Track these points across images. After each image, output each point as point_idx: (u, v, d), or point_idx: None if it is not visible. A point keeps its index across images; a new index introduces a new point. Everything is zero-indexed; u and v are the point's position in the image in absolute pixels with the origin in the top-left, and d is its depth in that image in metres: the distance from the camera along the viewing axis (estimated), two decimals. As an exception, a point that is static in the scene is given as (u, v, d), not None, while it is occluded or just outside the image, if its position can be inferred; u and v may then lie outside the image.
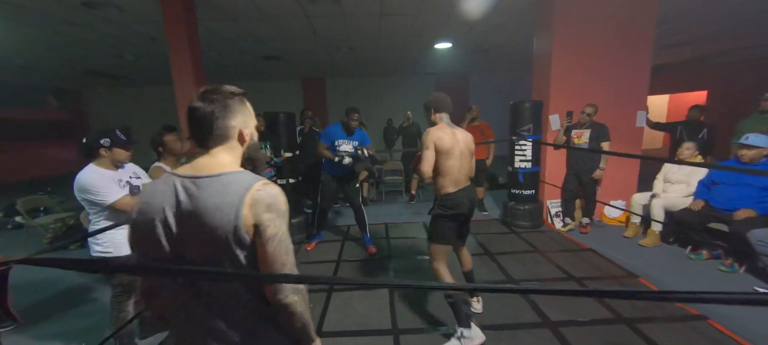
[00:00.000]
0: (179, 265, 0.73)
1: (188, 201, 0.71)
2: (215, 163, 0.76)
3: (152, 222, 0.73)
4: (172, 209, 0.72)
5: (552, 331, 2.05)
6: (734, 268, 2.69)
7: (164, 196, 0.73)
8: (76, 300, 2.71)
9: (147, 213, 0.74)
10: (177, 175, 0.76)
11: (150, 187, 0.78)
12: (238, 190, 0.72)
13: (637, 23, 3.68)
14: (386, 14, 4.42)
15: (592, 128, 3.54)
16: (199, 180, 0.73)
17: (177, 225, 0.72)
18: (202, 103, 0.75)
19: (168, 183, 0.75)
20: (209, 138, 0.76)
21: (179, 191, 0.73)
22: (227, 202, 0.71)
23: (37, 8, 3.66)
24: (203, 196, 0.71)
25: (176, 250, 0.73)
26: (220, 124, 0.76)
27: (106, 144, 1.76)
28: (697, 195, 3.02)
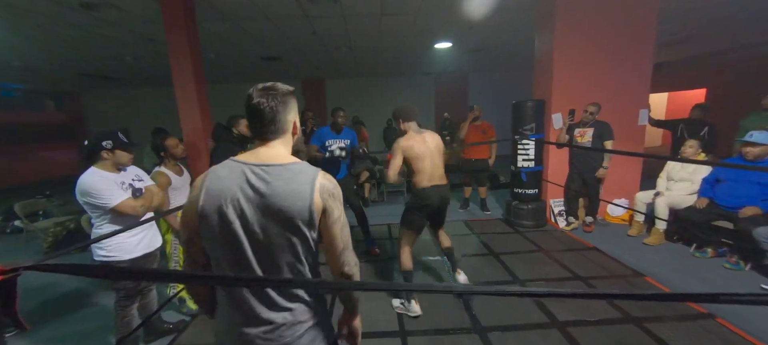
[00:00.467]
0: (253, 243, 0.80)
1: (263, 186, 0.79)
2: (277, 154, 0.85)
3: (224, 205, 0.79)
4: (243, 193, 0.79)
5: (560, 331, 2.04)
6: (740, 266, 2.68)
7: (234, 181, 0.80)
8: (79, 304, 2.69)
9: (219, 196, 0.79)
10: (243, 162, 0.82)
11: (212, 172, 0.83)
12: (307, 178, 0.82)
13: (639, 21, 3.68)
14: (386, 14, 4.41)
15: (595, 127, 3.54)
16: (269, 168, 0.81)
17: (251, 207, 0.79)
18: (264, 99, 0.83)
19: (234, 169, 0.82)
20: (271, 131, 0.84)
21: (250, 176, 0.80)
22: (301, 189, 0.80)
23: (35, 10, 3.63)
24: (277, 182, 0.80)
25: (247, 230, 0.79)
26: (280, 118, 0.85)
27: (108, 146, 1.74)
28: (702, 193, 3.01)
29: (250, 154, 0.85)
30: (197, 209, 0.80)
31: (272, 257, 0.81)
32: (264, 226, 0.79)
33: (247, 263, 0.81)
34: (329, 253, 0.88)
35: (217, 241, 0.81)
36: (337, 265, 0.88)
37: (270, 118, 0.83)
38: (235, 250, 0.80)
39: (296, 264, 0.83)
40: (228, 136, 2.73)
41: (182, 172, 2.42)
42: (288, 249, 0.81)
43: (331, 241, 0.86)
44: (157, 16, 3.60)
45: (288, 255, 0.82)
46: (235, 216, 0.79)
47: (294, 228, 0.80)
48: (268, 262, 0.82)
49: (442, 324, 2.16)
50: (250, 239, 0.80)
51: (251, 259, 0.81)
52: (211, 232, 0.80)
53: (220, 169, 0.83)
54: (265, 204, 0.79)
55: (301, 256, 0.83)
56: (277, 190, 0.79)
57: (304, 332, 0.86)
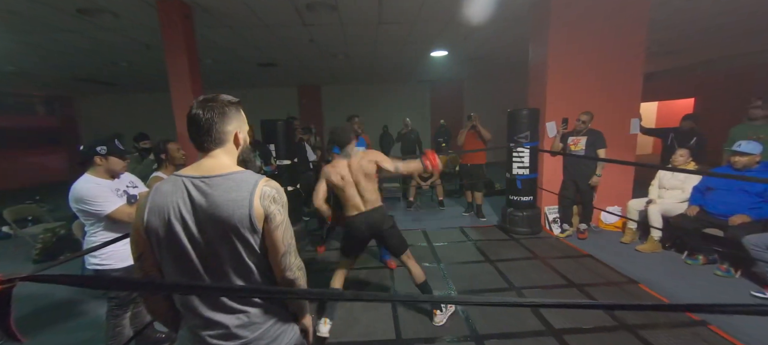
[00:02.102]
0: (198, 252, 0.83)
1: (202, 197, 0.82)
2: (219, 165, 0.87)
3: (168, 218, 0.82)
4: (185, 205, 0.82)
5: (556, 338, 2.05)
6: (730, 273, 2.73)
7: (176, 195, 0.83)
8: (71, 313, 2.63)
9: (161, 211, 0.82)
10: (183, 175, 0.85)
11: (155, 189, 0.85)
12: (247, 186, 0.84)
13: (630, 33, 3.78)
14: (383, 23, 4.46)
15: (588, 135, 3.60)
16: (210, 179, 0.84)
17: (193, 219, 0.82)
18: (201, 111, 0.85)
19: (176, 183, 0.84)
20: (209, 141, 0.86)
21: (191, 189, 0.83)
22: (241, 197, 0.82)
23: (31, 15, 3.60)
24: (217, 192, 0.82)
25: (193, 241, 0.82)
26: (217, 128, 0.86)
27: (102, 152, 1.72)
28: (692, 201, 3.07)
29: (193, 167, 0.88)
30: (143, 225, 0.83)
31: (218, 264, 0.84)
32: (206, 236, 0.82)
33: (195, 272, 0.84)
34: (272, 257, 0.90)
35: (165, 253, 0.84)
36: (279, 269, 0.90)
37: (206, 129, 0.85)
38: (183, 261, 0.84)
39: (241, 269, 0.86)
40: None
41: None
42: (232, 256, 0.84)
43: (273, 246, 0.88)
44: (154, 22, 3.61)
45: (233, 261, 0.85)
46: (179, 228, 0.82)
47: (236, 235, 0.82)
48: (215, 269, 0.85)
49: (439, 332, 2.16)
50: (195, 249, 0.83)
51: (198, 268, 0.84)
52: (159, 246, 0.84)
53: (163, 184, 0.86)
54: (206, 215, 0.82)
55: (246, 261, 0.86)
56: (217, 200, 0.81)
57: (261, 333, 0.89)
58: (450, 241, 3.81)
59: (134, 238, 0.87)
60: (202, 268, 0.84)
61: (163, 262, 0.86)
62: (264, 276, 0.90)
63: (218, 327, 0.85)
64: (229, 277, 0.85)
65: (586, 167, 3.64)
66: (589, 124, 3.60)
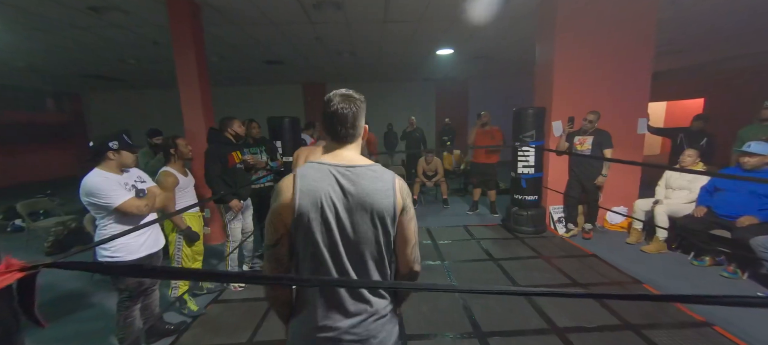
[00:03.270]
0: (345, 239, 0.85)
1: (352, 185, 0.85)
2: (355, 156, 0.91)
3: (321, 203, 0.84)
4: (335, 192, 0.85)
5: (559, 336, 2.06)
6: (737, 275, 2.71)
7: (325, 181, 0.85)
8: (79, 304, 2.69)
9: (314, 195, 0.84)
10: (328, 164, 0.87)
11: (301, 175, 0.86)
12: (389, 178, 0.89)
13: (638, 32, 3.74)
14: (389, 21, 4.47)
15: (594, 135, 3.58)
16: (354, 169, 0.87)
17: (344, 205, 0.85)
18: (346, 105, 0.88)
19: (321, 170, 0.86)
20: (350, 135, 0.90)
21: (339, 177, 0.86)
22: (386, 187, 0.87)
23: (42, 12, 3.67)
24: (364, 182, 0.86)
25: (341, 227, 0.85)
26: (358, 123, 0.91)
27: (114, 146, 1.76)
28: (700, 201, 3.04)
29: (330, 156, 0.90)
30: (294, 209, 0.83)
31: (360, 252, 0.87)
32: (354, 223, 0.85)
33: (338, 257, 0.86)
34: (401, 248, 0.93)
35: (312, 237, 0.85)
36: (409, 260, 0.94)
37: (351, 123, 0.88)
38: (330, 246, 0.85)
39: (379, 258, 0.90)
40: (220, 138, 2.76)
41: (187, 173, 2.45)
42: (374, 243, 0.87)
43: (406, 237, 0.92)
44: (163, 19, 3.66)
45: (374, 249, 0.88)
46: (330, 213, 0.84)
47: (381, 224, 0.86)
48: (357, 256, 0.87)
49: (443, 328, 2.18)
50: (342, 235, 0.85)
51: (342, 254, 0.86)
52: (307, 230, 0.84)
53: (308, 171, 0.86)
54: (356, 201, 0.85)
55: (383, 251, 0.89)
56: (366, 189, 0.85)
57: (383, 324, 0.91)
58: (454, 239, 3.82)
59: (275, 222, 0.86)
60: (346, 255, 0.86)
61: (304, 247, 0.86)
62: (391, 267, 0.95)
63: (350, 316, 0.87)
64: (368, 264, 0.88)
65: (592, 167, 3.63)
66: (595, 123, 3.58)
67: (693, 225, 2.97)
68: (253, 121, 3.28)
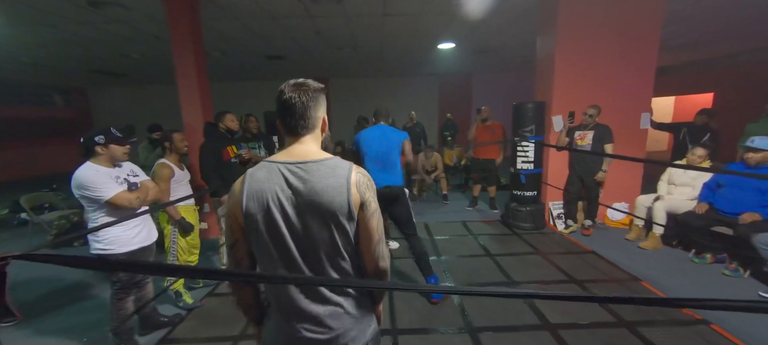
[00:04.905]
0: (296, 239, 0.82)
1: (300, 183, 0.81)
2: (310, 151, 0.85)
3: (267, 204, 0.80)
4: (283, 191, 0.81)
5: (552, 334, 2.04)
6: (739, 272, 2.65)
7: (272, 181, 0.82)
8: (77, 296, 2.74)
9: (260, 196, 0.81)
10: (276, 161, 0.84)
11: (250, 175, 0.83)
12: (342, 172, 0.83)
13: (643, 25, 3.65)
14: (389, 14, 4.42)
15: (595, 130, 3.51)
16: (305, 165, 0.82)
17: (292, 204, 0.80)
18: (296, 95, 0.82)
19: (270, 169, 0.83)
20: (302, 126, 0.85)
21: (288, 175, 0.82)
22: (338, 183, 0.81)
23: (44, 7, 3.70)
24: (314, 178, 0.81)
25: (291, 227, 0.81)
26: (311, 113, 0.84)
27: (101, 141, 1.78)
28: (702, 198, 2.98)
29: (284, 153, 0.86)
30: (242, 211, 0.82)
31: (314, 251, 0.83)
32: (305, 222, 0.81)
33: (291, 259, 0.83)
34: (364, 246, 0.88)
35: (262, 239, 0.83)
36: (373, 258, 0.89)
37: (300, 113, 0.83)
38: (280, 247, 0.83)
39: (336, 257, 0.85)
40: (214, 132, 2.77)
41: (183, 167, 2.47)
42: (329, 243, 0.83)
43: (368, 234, 0.87)
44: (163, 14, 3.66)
45: (329, 249, 0.84)
46: (278, 214, 0.81)
47: (334, 222, 0.82)
48: (311, 256, 0.84)
49: (434, 323, 2.17)
50: (293, 235, 0.82)
51: (295, 255, 0.83)
52: (256, 232, 0.82)
53: (257, 171, 0.84)
54: (305, 201, 0.80)
55: (341, 250, 0.85)
56: (316, 187, 0.80)
57: (352, 323, 0.88)
58: (452, 235, 3.80)
59: (229, 226, 0.86)
60: (299, 256, 0.83)
61: (257, 249, 0.85)
62: (355, 266, 0.90)
63: (311, 318, 0.84)
64: (324, 264, 0.84)
65: (593, 163, 3.57)
66: (596, 118, 3.51)
67: (694, 222, 2.90)
68: (250, 116, 3.28)
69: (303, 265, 0.84)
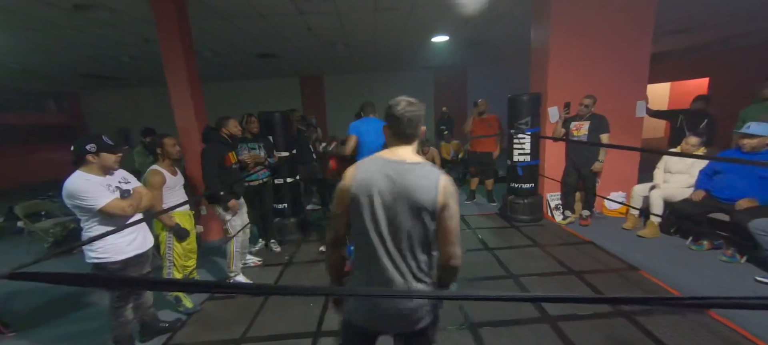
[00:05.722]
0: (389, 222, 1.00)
1: (400, 179, 0.99)
2: (409, 154, 1.05)
3: (371, 190, 1.00)
4: (386, 183, 1.00)
5: (551, 325, 2.05)
6: (735, 258, 2.67)
7: (379, 172, 1.01)
8: (75, 304, 2.73)
9: (367, 183, 1.00)
10: (384, 159, 1.04)
11: (360, 166, 1.04)
12: (434, 177, 1.00)
13: (637, 12, 3.62)
14: (380, 9, 4.36)
15: (591, 120, 3.50)
16: (405, 165, 1.01)
17: (390, 194, 0.99)
18: (409, 111, 1.03)
19: (378, 163, 1.03)
20: (411, 135, 1.05)
21: (390, 171, 1.00)
22: (430, 185, 0.98)
23: (28, 12, 3.63)
24: (411, 177, 0.99)
25: (387, 210, 1.00)
26: (418, 126, 1.05)
27: (92, 149, 1.74)
28: (698, 185, 2.99)
29: (389, 152, 1.06)
30: (350, 193, 1.02)
31: (400, 235, 1.00)
32: (397, 210, 0.99)
33: (381, 236, 1.01)
34: (442, 242, 1.04)
35: (361, 217, 1.01)
36: (448, 254, 1.04)
37: (409, 126, 1.03)
38: (376, 226, 1.00)
39: (417, 244, 1.02)
40: (216, 137, 2.74)
41: (176, 172, 2.43)
42: (413, 231, 1.00)
43: (446, 232, 1.02)
44: (150, 16, 3.60)
45: (412, 236, 1.00)
46: (377, 200, 0.99)
47: (420, 216, 0.98)
48: (397, 238, 1.01)
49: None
50: (386, 219, 1.00)
51: (385, 235, 1.00)
52: (360, 210, 1.01)
53: (367, 163, 1.05)
54: (401, 193, 0.98)
55: (422, 239, 1.02)
56: (411, 185, 0.98)
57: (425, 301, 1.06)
58: (450, 230, 3.80)
59: (337, 200, 1.07)
60: (389, 235, 1.00)
61: (358, 222, 1.03)
62: (428, 255, 1.07)
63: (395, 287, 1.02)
64: (406, 247, 1.01)
65: (589, 153, 3.57)
66: (592, 108, 3.50)
67: (691, 209, 2.92)
68: (251, 116, 3.24)
69: (390, 244, 1.01)
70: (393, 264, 1.01)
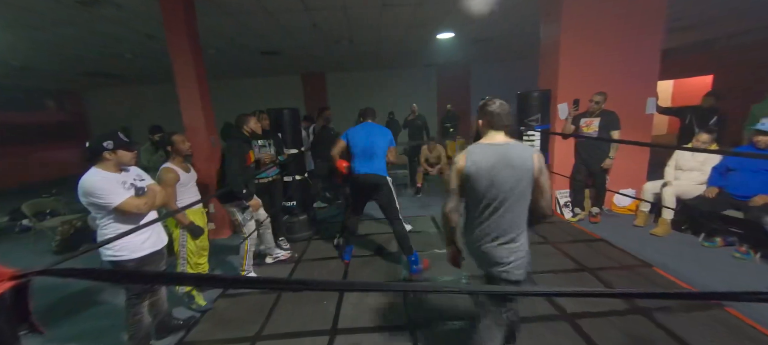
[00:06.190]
0: (502, 190, 1.34)
1: (504, 155, 1.35)
2: (504, 138, 1.42)
3: (481, 167, 1.35)
4: (494, 159, 1.35)
5: (569, 323, 2.04)
6: (749, 255, 2.66)
7: (487, 152, 1.37)
8: (90, 302, 2.71)
9: (479, 162, 1.36)
10: (488, 144, 1.40)
11: (471, 150, 1.40)
12: (529, 152, 1.38)
13: (649, 7, 3.59)
14: (387, 4, 4.33)
15: (601, 116, 3.48)
16: (506, 146, 1.38)
17: (497, 168, 1.34)
18: (503, 108, 1.42)
19: (484, 147, 1.39)
20: (503, 126, 1.42)
21: (495, 151, 1.36)
22: (528, 157, 1.36)
23: (34, 8, 3.59)
24: (512, 153, 1.35)
25: (499, 181, 1.33)
26: (508, 117, 1.43)
27: (109, 146, 1.72)
28: (711, 182, 2.97)
29: (489, 137, 1.42)
30: (466, 171, 1.38)
31: (507, 198, 1.35)
32: (504, 179, 1.33)
33: (493, 199, 1.36)
34: (537, 197, 1.40)
35: (475, 189, 1.38)
36: (541, 207, 1.42)
37: (504, 119, 1.42)
38: (490, 191, 1.35)
39: (519, 202, 1.37)
40: (237, 134, 2.74)
41: (189, 169, 2.41)
42: (517, 193, 1.35)
43: (541, 190, 1.39)
44: (156, 12, 3.56)
45: (516, 196, 1.35)
46: (487, 173, 1.34)
47: (524, 181, 1.35)
48: (505, 200, 1.35)
49: (451, 316, 2.17)
50: (497, 187, 1.34)
51: (497, 198, 1.35)
52: (475, 183, 1.37)
53: (476, 147, 1.40)
54: (505, 166, 1.33)
55: (523, 198, 1.38)
56: (514, 160, 1.34)
57: (524, 250, 1.41)
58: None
59: (454, 177, 1.43)
60: (500, 200, 1.35)
61: (475, 194, 1.38)
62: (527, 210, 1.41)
63: (505, 241, 1.38)
64: (511, 206, 1.35)
65: (599, 150, 3.55)
66: (602, 105, 3.48)
67: (704, 206, 2.90)
68: (263, 113, 3.23)
69: (500, 207, 1.35)
70: (502, 218, 1.36)
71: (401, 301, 2.38)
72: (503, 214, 1.35)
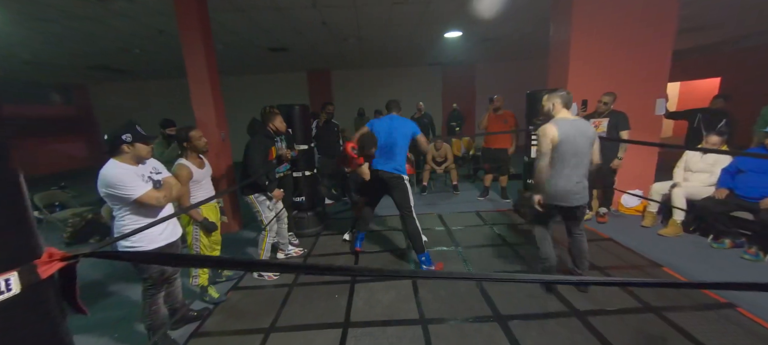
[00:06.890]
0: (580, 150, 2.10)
1: (577, 126, 2.10)
2: (572, 116, 2.16)
3: (565, 135, 2.06)
4: (572, 129, 2.07)
5: (580, 320, 2.05)
6: (759, 257, 2.66)
7: (566, 125, 2.08)
8: (102, 292, 2.75)
9: (566, 132, 2.06)
10: (564, 119, 2.11)
11: (557, 123, 2.09)
12: (589, 125, 2.16)
13: (660, 8, 3.58)
14: (398, 2, 4.34)
15: (610, 117, 3.48)
16: (575, 120, 2.13)
17: (574, 136, 2.07)
18: (570, 94, 2.19)
19: (563, 121, 2.10)
20: (570, 106, 2.16)
21: (571, 124, 2.09)
22: (590, 128, 2.13)
23: (48, 2, 3.62)
24: (580, 125, 2.11)
25: (575, 144, 2.07)
26: (572, 100, 2.27)
27: (128, 139, 1.73)
28: (721, 183, 2.98)
29: (563, 114, 2.14)
30: (558, 138, 2.06)
31: (582, 157, 2.11)
32: (580, 143, 2.07)
33: (576, 156, 2.09)
34: (595, 156, 2.20)
35: (561, 152, 2.08)
36: (597, 159, 2.24)
37: (570, 102, 2.16)
38: (573, 151, 2.07)
39: (586, 158, 2.14)
40: (263, 130, 2.81)
41: (204, 164, 2.43)
42: (586, 153, 2.12)
43: (597, 151, 2.20)
44: (167, 6, 3.58)
45: (587, 155, 2.13)
46: (570, 139, 2.06)
47: (587, 144, 2.10)
48: (579, 159, 2.10)
49: (462, 312, 2.19)
50: (576, 149, 2.08)
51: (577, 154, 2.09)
52: (565, 146, 2.06)
53: (561, 121, 2.09)
54: (578, 134, 2.07)
55: (590, 156, 2.15)
56: (583, 130, 2.09)
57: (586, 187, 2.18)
58: (466, 225, 3.81)
59: (547, 143, 2.09)
60: (579, 157, 2.10)
61: (563, 154, 2.08)
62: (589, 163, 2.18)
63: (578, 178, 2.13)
64: (583, 162, 2.12)
65: (608, 150, 3.54)
66: (611, 105, 3.47)
67: (714, 207, 2.91)
68: (273, 108, 3.27)
69: (577, 163, 2.10)
70: (580, 170, 2.11)
71: (412, 295, 2.40)
72: (578, 165, 2.07)
